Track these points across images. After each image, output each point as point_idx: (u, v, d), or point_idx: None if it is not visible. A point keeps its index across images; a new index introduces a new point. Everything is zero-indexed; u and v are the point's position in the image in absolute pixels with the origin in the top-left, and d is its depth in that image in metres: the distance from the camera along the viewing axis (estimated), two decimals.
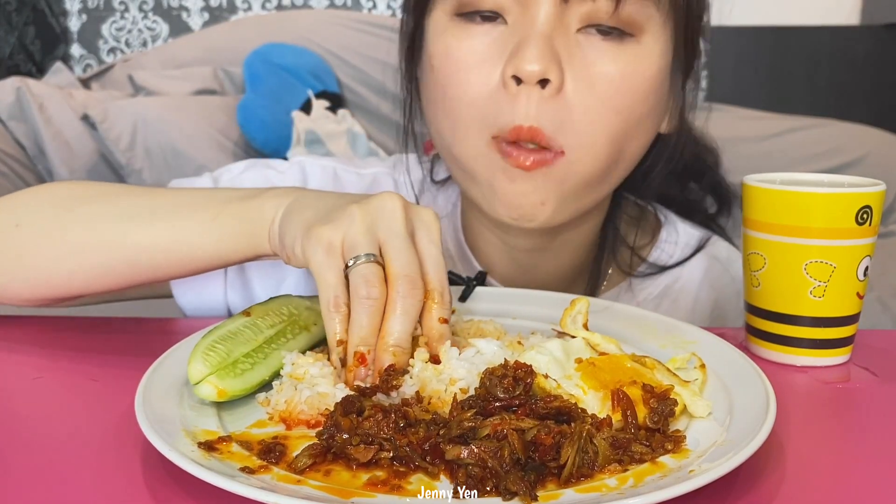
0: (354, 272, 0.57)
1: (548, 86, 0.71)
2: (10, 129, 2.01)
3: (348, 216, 0.59)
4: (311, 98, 2.23)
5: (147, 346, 0.65)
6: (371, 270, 0.57)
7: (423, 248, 0.60)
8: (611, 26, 0.72)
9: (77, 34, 2.67)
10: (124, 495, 0.48)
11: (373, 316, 0.57)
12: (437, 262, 0.60)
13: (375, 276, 0.57)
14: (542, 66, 0.69)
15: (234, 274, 0.85)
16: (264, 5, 2.65)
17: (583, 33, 0.73)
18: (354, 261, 0.58)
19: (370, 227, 0.59)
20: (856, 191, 0.66)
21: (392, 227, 0.59)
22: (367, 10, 2.65)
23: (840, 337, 0.69)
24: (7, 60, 2.43)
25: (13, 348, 0.72)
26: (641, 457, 0.49)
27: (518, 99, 0.71)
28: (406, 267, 0.58)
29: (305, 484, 0.46)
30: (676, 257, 0.92)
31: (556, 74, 0.70)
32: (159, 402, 0.54)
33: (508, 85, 0.71)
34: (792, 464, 0.52)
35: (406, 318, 0.57)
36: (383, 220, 0.59)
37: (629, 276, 0.91)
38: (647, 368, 0.58)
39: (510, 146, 0.73)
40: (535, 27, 0.71)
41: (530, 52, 0.69)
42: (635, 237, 0.92)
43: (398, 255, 0.58)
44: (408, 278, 0.57)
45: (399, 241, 0.59)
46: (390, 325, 0.57)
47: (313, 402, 0.55)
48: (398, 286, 0.57)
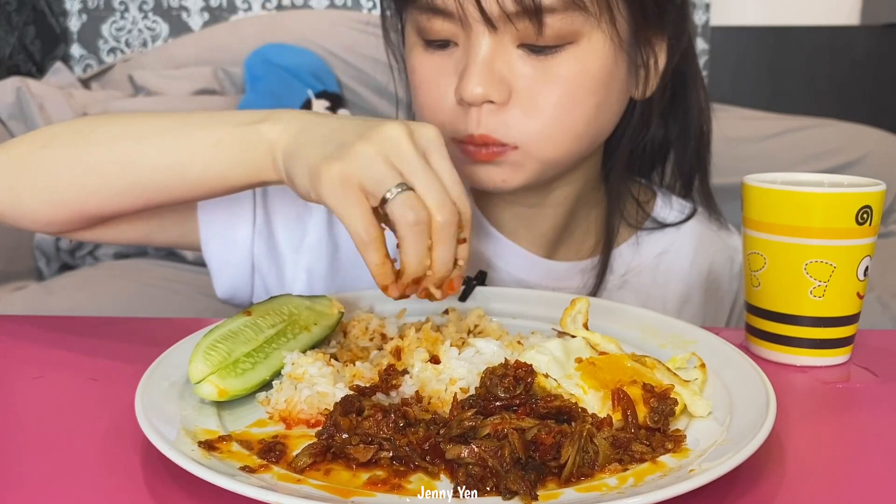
0: (396, 202, 0.58)
1: (493, 104, 0.75)
2: (10, 129, 2.01)
3: (360, 154, 0.59)
4: (311, 98, 2.23)
5: (147, 346, 0.65)
6: (412, 197, 0.58)
7: (438, 166, 0.61)
8: (542, 45, 0.75)
9: (77, 34, 2.67)
10: (124, 495, 0.48)
11: (424, 240, 0.59)
12: (454, 180, 0.61)
13: (418, 203, 0.59)
14: (483, 89, 0.74)
15: (260, 225, 0.86)
16: (264, 5, 2.65)
17: (522, 49, 0.76)
18: (391, 193, 0.58)
19: (385, 157, 0.59)
20: (856, 191, 0.66)
21: (406, 157, 0.60)
22: (367, 11, 2.65)
23: (840, 337, 0.69)
24: (7, 60, 2.43)
25: (13, 348, 0.72)
26: (642, 456, 0.49)
27: (469, 113, 0.77)
28: (437, 194, 0.59)
29: (305, 483, 0.46)
30: (672, 220, 0.96)
31: (498, 94, 0.75)
32: (159, 402, 0.54)
33: (461, 103, 0.77)
34: (792, 464, 0.52)
35: (448, 245, 0.60)
36: (394, 150, 0.60)
37: (636, 229, 0.94)
38: (647, 368, 0.58)
39: (465, 145, 0.78)
40: (476, 53, 0.75)
41: (472, 79, 0.74)
42: (640, 195, 0.95)
43: (428, 187, 0.59)
44: (445, 209, 0.59)
45: (418, 168, 0.60)
46: (437, 255, 0.60)
47: (313, 401, 0.55)
48: (436, 217, 0.59)
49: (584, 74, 0.76)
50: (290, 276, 0.87)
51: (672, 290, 0.94)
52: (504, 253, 0.91)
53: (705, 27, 2.50)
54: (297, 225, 0.87)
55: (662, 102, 0.87)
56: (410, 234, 0.58)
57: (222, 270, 0.86)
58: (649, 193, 0.98)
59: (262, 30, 2.38)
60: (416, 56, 0.80)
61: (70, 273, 1.87)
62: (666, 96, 0.88)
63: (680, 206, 0.97)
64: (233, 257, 0.86)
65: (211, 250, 0.85)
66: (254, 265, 0.86)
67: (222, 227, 0.85)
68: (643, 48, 0.81)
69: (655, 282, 0.94)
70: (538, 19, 0.72)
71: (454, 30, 0.76)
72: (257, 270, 0.86)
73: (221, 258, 0.86)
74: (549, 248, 0.92)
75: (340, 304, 0.69)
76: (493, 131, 0.76)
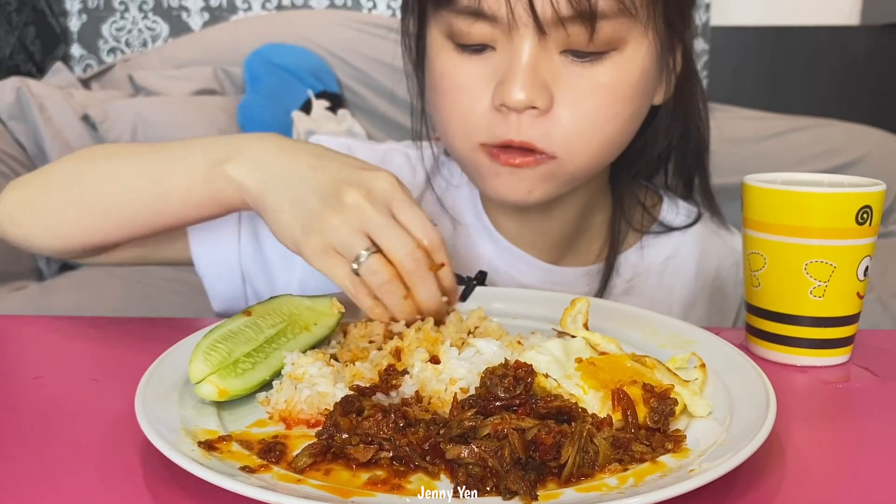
0: (363, 270, 0.66)
1: (536, 110, 0.74)
2: (10, 129, 2.02)
3: (330, 226, 0.66)
4: (311, 98, 2.23)
5: (147, 346, 0.65)
6: (375, 262, 0.66)
7: (398, 212, 0.67)
8: (589, 51, 0.74)
9: (77, 34, 2.67)
10: (124, 495, 0.48)
11: (398, 293, 0.67)
12: (412, 220, 0.67)
13: (380, 264, 0.66)
14: (528, 95, 0.73)
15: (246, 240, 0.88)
16: (264, 5, 2.65)
17: (565, 55, 0.75)
18: (357, 262, 0.66)
19: (350, 225, 0.66)
20: (856, 191, 0.66)
21: (368, 220, 0.66)
22: (367, 10, 2.64)
23: (840, 337, 0.69)
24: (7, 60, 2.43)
25: (13, 348, 0.72)
26: (642, 456, 0.49)
27: (509, 119, 0.75)
28: (400, 248, 0.66)
29: (305, 483, 0.46)
30: (678, 224, 0.95)
31: (542, 101, 0.74)
32: (159, 402, 0.54)
33: (500, 109, 0.75)
34: (792, 464, 0.52)
35: (426, 284, 0.67)
36: (357, 216, 0.66)
37: (641, 233, 0.94)
38: (647, 368, 0.58)
39: (498, 150, 0.77)
40: (519, 58, 0.73)
41: (516, 84, 0.73)
42: (646, 199, 0.95)
43: (388, 242, 0.66)
44: (407, 255, 0.66)
45: (379, 227, 0.66)
46: (418, 297, 0.67)
47: (313, 401, 0.55)
48: (404, 267, 0.66)
49: (625, 83, 0.76)
50: (283, 288, 0.87)
51: (678, 294, 0.94)
52: (510, 259, 0.91)
53: (705, 27, 2.49)
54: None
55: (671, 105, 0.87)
56: (383, 293, 0.66)
57: (216, 285, 0.88)
58: (655, 197, 0.97)
59: (262, 30, 2.38)
60: (446, 60, 0.78)
61: (70, 273, 1.87)
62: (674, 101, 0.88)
63: (686, 209, 0.96)
64: (224, 273, 0.88)
65: (203, 266, 0.88)
66: (244, 278, 0.88)
67: (211, 244, 0.87)
68: (670, 53, 0.82)
69: (661, 286, 0.94)
70: (591, 24, 0.71)
71: (495, 34, 0.74)
72: (249, 284, 0.88)
73: (214, 274, 0.88)
74: (555, 254, 0.92)
75: (340, 305, 0.69)
76: (535, 139, 0.75)
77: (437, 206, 0.93)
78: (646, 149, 0.90)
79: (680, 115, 0.91)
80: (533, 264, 0.90)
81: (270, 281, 0.88)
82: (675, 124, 0.91)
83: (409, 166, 0.96)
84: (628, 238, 0.94)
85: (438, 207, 0.93)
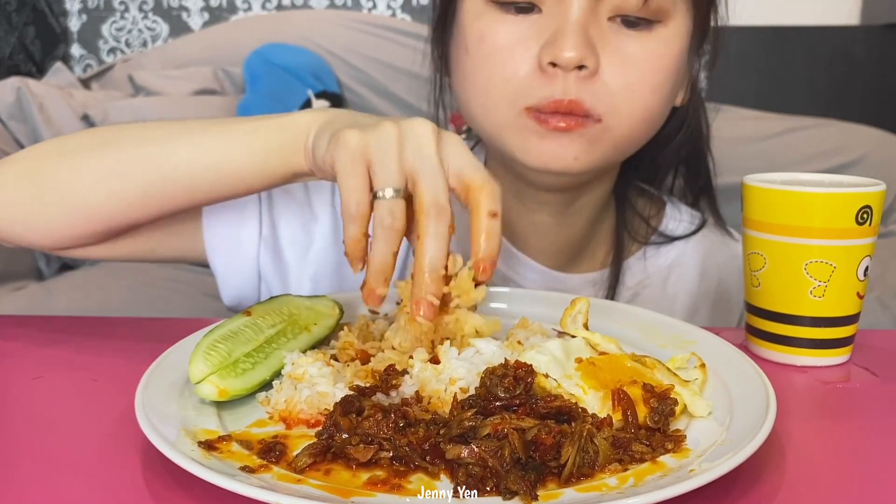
0: (380, 204, 0.58)
1: (584, 70, 0.74)
2: (10, 129, 2.01)
3: (383, 133, 0.59)
4: (311, 98, 2.23)
5: (147, 346, 0.65)
6: (397, 206, 0.58)
7: (456, 157, 0.60)
8: (639, 17, 0.76)
9: (77, 34, 2.67)
10: (124, 495, 0.48)
11: (392, 245, 0.58)
12: (473, 163, 0.60)
13: (400, 212, 0.58)
14: (578, 53, 0.73)
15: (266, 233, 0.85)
16: (264, 5, 2.65)
17: (613, 21, 0.76)
18: (382, 192, 0.58)
19: (403, 149, 0.59)
20: (856, 191, 0.66)
21: (423, 151, 0.59)
22: (367, 10, 2.65)
23: (840, 337, 0.69)
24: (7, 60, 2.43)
25: (13, 348, 0.72)
26: (642, 456, 0.49)
27: (556, 79, 0.75)
28: (437, 193, 0.58)
29: (305, 483, 0.46)
30: (681, 232, 0.95)
31: (591, 61, 0.74)
32: (159, 402, 0.54)
33: (546, 69, 0.75)
34: (792, 464, 0.52)
35: (438, 240, 0.57)
36: (414, 140, 0.59)
37: (643, 244, 0.94)
38: (647, 368, 0.58)
39: (544, 114, 0.76)
40: (570, 17, 0.74)
41: (568, 41, 0.73)
42: (647, 208, 0.96)
43: (429, 182, 0.58)
44: (437, 203, 0.57)
45: (429, 166, 0.58)
46: (424, 247, 0.57)
47: (313, 401, 0.55)
48: (429, 210, 0.57)
49: (668, 56, 0.78)
50: (295, 285, 0.86)
51: (681, 301, 0.94)
52: (517, 266, 0.90)
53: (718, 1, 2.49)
54: (302, 234, 0.87)
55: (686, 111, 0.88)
56: (381, 235, 0.58)
57: (228, 278, 0.85)
58: (659, 203, 0.97)
59: (262, 30, 2.38)
60: (488, 22, 0.78)
61: (70, 273, 1.87)
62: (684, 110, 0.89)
63: (690, 216, 0.96)
64: (239, 266, 0.85)
65: (217, 259, 0.85)
66: (260, 274, 0.86)
67: (228, 236, 0.84)
68: (696, 52, 0.84)
69: (665, 293, 0.94)
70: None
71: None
72: (263, 279, 0.86)
73: (227, 267, 0.85)
74: (561, 260, 0.92)
75: (340, 305, 0.69)
76: (583, 99, 0.75)
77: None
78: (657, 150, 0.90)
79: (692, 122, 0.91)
80: (539, 271, 0.90)
81: (284, 280, 0.86)
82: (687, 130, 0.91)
83: None
84: (632, 245, 0.94)
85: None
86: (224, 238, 0.84)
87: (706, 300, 0.95)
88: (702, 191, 0.96)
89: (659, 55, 0.77)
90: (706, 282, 0.95)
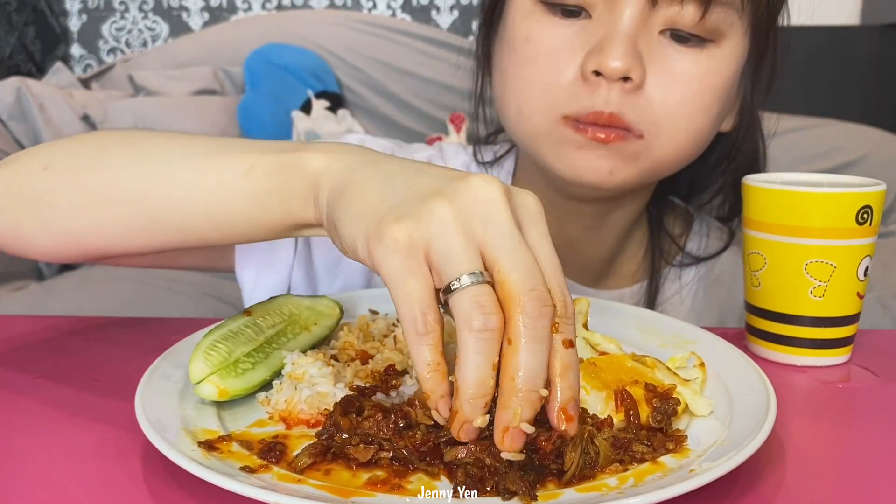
0: (464, 296, 0.43)
1: (629, 82, 0.72)
2: (10, 129, 2.02)
3: (437, 216, 0.45)
4: (311, 98, 2.23)
5: (147, 346, 0.65)
6: (485, 293, 0.43)
7: (536, 246, 0.46)
8: (692, 34, 0.73)
9: (77, 34, 2.67)
10: (124, 495, 0.47)
11: (492, 353, 0.43)
12: (554, 265, 0.46)
13: (491, 302, 0.43)
14: (625, 63, 0.70)
15: (301, 248, 0.83)
16: (264, 5, 2.65)
17: (664, 36, 0.73)
18: (459, 282, 0.43)
19: (467, 226, 0.45)
20: (856, 191, 0.66)
21: (499, 226, 0.45)
22: (367, 10, 2.65)
23: (840, 337, 0.69)
24: (7, 60, 2.43)
25: (13, 348, 0.72)
26: (643, 456, 0.49)
27: (598, 89, 0.72)
28: (530, 279, 0.44)
29: (306, 483, 0.46)
30: (709, 249, 0.93)
31: (637, 73, 0.71)
32: (159, 402, 0.54)
33: (589, 77, 0.72)
34: (792, 464, 0.52)
35: (540, 346, 0.43)
36: (483, 215, 0.45)
37: (669, 265, 0.92)
38: (648, 368, 0.58)
39: (586, 124, 0.73)
40: (620, 25, 0.71)
41: (615, 50, 0.70)
42: (673, 226, 0.93)
43: (516, 265, 0.44)
44: (535, 294, 0.43)
45: (512, 243, 0.45)
46: (520, 360, 0.43)
47: (313, 401, 0.55)
48: (525, 306, 0.43)
49: (717, 77, 0.74)
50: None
51: (708, 315, 0.93)
52: None
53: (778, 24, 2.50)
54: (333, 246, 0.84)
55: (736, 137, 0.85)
56: (473, 342, 0.43)
57: (255, 292, 0.82)
58: (688, 219, 0.95)
59: (262, 30, 2.38)
60: (533, 23, 0.75)
61: (70, 273, 1.87)
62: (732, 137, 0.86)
63: (718, 231, 0.94)
64: (270, 280, 0.82)
65: (246, 274, 0.82)
66: (290, 288, 0.83)
67: (262, 252, 0.81)
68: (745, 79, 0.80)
69: (693, 309, 0.92)
70: (706, 4, 0.70)
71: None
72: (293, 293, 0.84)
73: (257, 281, 0.82)
74: (591, 277, 0.90)
75: (341, 305, 0.69)
76: (625, 113, 0.72)
77: None
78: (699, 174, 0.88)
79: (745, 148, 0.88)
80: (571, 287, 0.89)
81: (314, 291, 0.83)
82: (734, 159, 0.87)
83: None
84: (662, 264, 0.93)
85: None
86: (256, 254, 0.82)
87: (734, 315, 0.93)
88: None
89: (709, 75, 0.74)
90: (733, 296, 0.92)
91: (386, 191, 0.48)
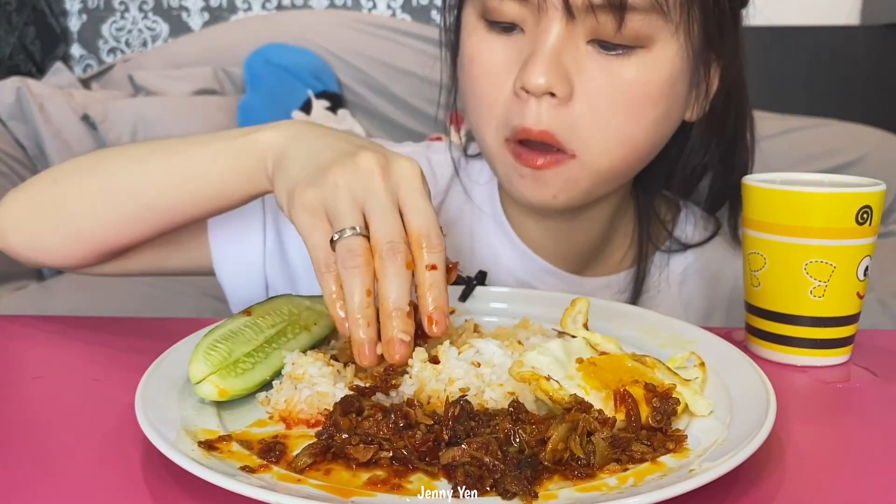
0: (339, 246, 0.57)
1: (555, 97, 0.73)
2: (10, 129, 2.01)
3: (331, 183, 0.59)
4: (311, 98, 2.23)
5: (147, 346, 0.65)
6: (355, 242, 0.57)
7: (406, 198, 0.59)
8: (616, 43, 0.73)
9: (77, 34, 2.67)
10: (124, 495, 0.48)
11: (362, 281, 0.56)
12: (419, 209, 0.59)
13: (360, 247, 0.57)
14: (547, 80, 0.72)
15: (271, 245, 0.86)
16: (264, 5, 2.65)
17: (592, 46, 0.74)
18: (340, 234, 0.58)
19: (352, 191, 0.59)
20: (856, 191, 0.66)
21: (373, 192, 0.59)
22: (367, 10, 2.65)
23: (840, 337, 0.69)
24: (7, 60, 2.43)
25: (13, 348, 0.72)
26: (642, 456, 0.49)
27: (528, 105, 0.74)
28: (387, 232, 0.57)
29: (306, 483, 0.46)
30: (695, 238, 0.94)
31: (561, 88, 0.72)
32: (159, 402, 0.54)
33: (519, 94, 0.74)
34: (792, 464, 0.52)
35: (396, 278, 0.56)
36: (363, 183, 0.59)
37: (657, 249, 0.93)
38: (648, 367, 0.58)
39: (520, 147, 0.76)
40: (544, 42, 0.72)
41: (537, 68, 0.72)
42: (663, 212, 0.94)
43: (378, 222, 0.58)
44: (389, 242, 0.57)
45: (378, 204, 0.58)
46: (384, 289, 0.56)
47: (313, 401, 0.55)
48: (382, 252, 0.57)
49: (650, 82, 0.74)
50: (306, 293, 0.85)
51: (695, 306, 0.93)
52: (531, 268, 0.89)
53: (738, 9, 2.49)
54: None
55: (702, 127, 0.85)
56: (347, 276, 0.57)
57: (236, 289, 0.86)
58: (674, 208, 0.96)
59: (262, 30, 2.38)
60: (476, 42, 0.77)
61: (70, 273, 1.87)
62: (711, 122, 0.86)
63: (704, 221, 0.95)
64: (245, 277, 0.86)
65: (224, 271, 0.85)
66: (267, 284, 0.86)
67: (233, 248, 0.85)
68: (703, 68, 0.80)
69: (680, 298, 0.93)
70: (620, 15, 0.71)
71: (524, 14, 0.74)
72: (271, 289, 0.86)
73: (234, 277, 0.86)
74: (577, 264, 0.91)
75: None
76: (554, 130, 0.74)
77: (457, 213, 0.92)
78: (677, 164, 0.88)
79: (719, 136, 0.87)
80: (555, 274, 0.89)
81: (294, 285, 0.86)
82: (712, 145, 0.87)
83: (430, 171, 0.94)
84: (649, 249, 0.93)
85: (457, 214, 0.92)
86: (229, 251, 0.85)
87: (720, 305, 0.94)
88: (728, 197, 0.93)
89: (638, 83, 0.74)
90: (721, 287, 0.93)
91: (305, 163, 0.63)
